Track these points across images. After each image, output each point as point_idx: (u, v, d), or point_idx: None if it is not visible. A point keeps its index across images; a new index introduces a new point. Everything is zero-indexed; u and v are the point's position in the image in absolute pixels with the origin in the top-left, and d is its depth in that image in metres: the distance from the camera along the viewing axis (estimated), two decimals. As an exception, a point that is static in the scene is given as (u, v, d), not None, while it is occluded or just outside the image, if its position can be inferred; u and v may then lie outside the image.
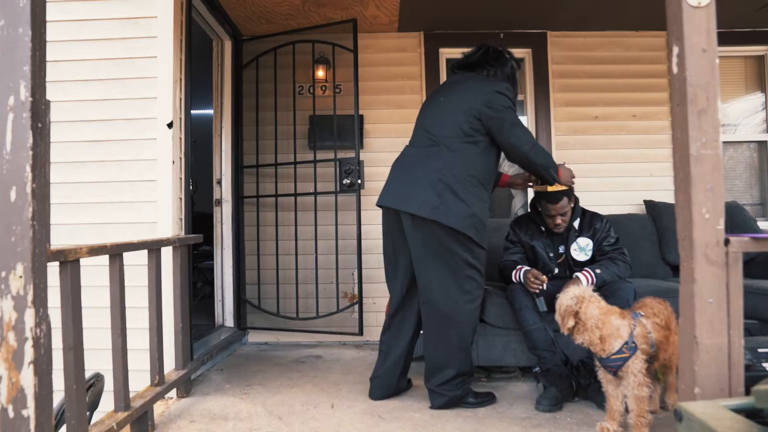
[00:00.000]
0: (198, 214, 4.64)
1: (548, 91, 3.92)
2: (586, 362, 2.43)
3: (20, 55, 1.44)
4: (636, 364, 1.96)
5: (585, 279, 2.44)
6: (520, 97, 4.03)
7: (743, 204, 3.81)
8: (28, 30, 1.44)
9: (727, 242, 1.41)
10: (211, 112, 3.92)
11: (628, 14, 3.60)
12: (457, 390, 2.34)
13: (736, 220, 3.43)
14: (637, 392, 1.95)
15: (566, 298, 2.05)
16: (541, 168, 2.36)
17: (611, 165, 3.91)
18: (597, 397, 2.31)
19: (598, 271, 2.48)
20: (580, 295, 2.03)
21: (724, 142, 4.05)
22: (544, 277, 2.48)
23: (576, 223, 2.64)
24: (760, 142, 4.02)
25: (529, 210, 2.84)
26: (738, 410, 1.30)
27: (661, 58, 3.94)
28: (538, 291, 2.48)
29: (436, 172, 2.23)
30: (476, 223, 2.24)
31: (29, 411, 1.39)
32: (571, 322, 2.00)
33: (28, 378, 1.40)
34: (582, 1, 3.46)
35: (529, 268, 2.58)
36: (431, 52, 3.93)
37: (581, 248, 2.61)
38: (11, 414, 1.39)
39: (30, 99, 1.44)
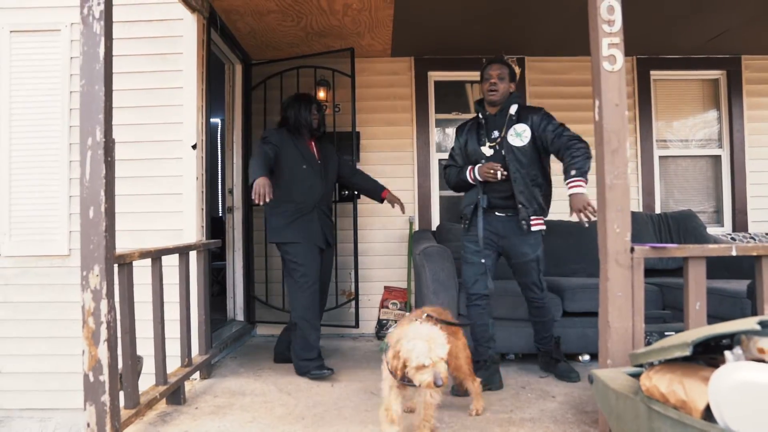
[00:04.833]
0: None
1: (525, 110, 4.37)
2: (557, 342, 2.94)
3: (96, 106, 1.89)
4: None
5: (582, 187, 2.49)
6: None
7: (699, 212, 4.28)
8: (102, 87, 1.89)
9: (632, 250, 1.86)
10: (216, 120, 4.30)
11: (596, 43, 4.04)
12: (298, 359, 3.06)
13: (688, 227, 3.88)
14: (428, 398, 1.97)
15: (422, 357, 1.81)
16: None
17: (582, 176, 4.35)
18: (551, 368, 2.86)
19: (581, 178, 2.50)
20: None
21: (683, 156, 4.51)
22: (498, 165, 2.62)
23: (513, 110, 2.72)
24: (715, 156, 4.48)
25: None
26: (636, 375, 1.76)
27: (626, 80, 4.39)
28: (496, 178, 2.61)
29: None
30: (278, 231, 3.04)
31: (104, 377, 1.85)
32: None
33: (103, 352, 1.85)
34: (555, 30, 3.91)
35: (481, 164, 2.68)
36: (421, 75, 4.38)
37: (518, 134, 2.68)
38: (92, 378, 1.84)
39: (103, 139, 1.89)
